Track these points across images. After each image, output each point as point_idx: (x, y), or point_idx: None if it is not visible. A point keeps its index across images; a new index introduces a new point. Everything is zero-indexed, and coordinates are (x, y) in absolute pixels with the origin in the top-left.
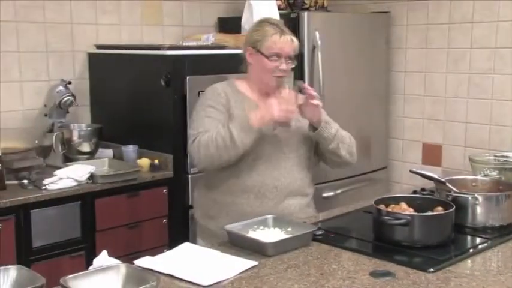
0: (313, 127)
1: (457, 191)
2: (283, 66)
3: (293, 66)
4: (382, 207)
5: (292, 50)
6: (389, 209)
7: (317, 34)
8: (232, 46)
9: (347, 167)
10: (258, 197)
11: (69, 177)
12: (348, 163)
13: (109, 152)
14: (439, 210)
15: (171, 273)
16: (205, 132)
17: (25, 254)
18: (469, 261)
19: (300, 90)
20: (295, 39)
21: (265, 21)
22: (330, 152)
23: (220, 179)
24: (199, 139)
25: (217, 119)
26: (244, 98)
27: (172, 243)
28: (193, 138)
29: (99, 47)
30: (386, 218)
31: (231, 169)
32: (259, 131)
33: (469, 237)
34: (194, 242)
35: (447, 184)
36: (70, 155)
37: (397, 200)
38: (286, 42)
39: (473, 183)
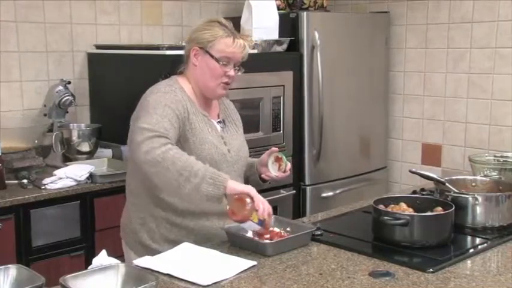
0: (264, 179)
1: (457, 191)
2: (232, 72)
3: (240, 73)
4: (381, 207)
5: (243, 56)
6: (389, 209)
7: (316, 34)
8: None
9: None
10: (221, 218)
11: (68, 176)
12: None
13: (108, 152)
14: (439, 210)
15: (170, 273)
16: (170, 143)
17: (25, 254)
18: (469, 261)
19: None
20: (247, 46)
21: (215, 21)
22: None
23: (172, 202)
24: (168, 149)
25: (174, 126)
26: (197, 112)
27: None
28: (160, 141)
29: (98, 47)
30: (386, 218)
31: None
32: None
33: (468, 238)
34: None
35: (447, 184)
36: (69, 155)
37: (396, 200)
38: (240, 47)
39: (473, 184)
